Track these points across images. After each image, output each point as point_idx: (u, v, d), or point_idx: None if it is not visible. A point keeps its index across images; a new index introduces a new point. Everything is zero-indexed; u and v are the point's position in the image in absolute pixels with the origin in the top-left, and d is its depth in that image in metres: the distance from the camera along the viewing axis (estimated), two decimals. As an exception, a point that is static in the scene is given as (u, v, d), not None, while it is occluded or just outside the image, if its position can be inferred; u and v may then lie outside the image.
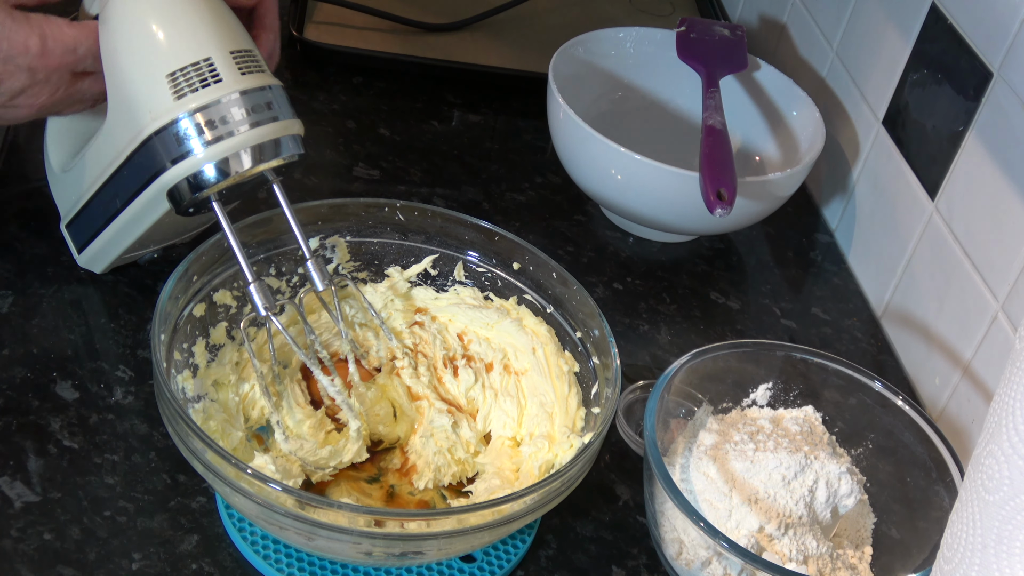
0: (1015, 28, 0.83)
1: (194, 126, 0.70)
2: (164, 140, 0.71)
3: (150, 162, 0.72)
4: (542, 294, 0.81)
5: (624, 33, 1.11)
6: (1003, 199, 0.84)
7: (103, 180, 0.76)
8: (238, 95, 0.71)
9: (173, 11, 0.71)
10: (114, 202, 0.76)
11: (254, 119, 0.71)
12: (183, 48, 0.71)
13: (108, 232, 0.78)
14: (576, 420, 0.76)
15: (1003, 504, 0.50)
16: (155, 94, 0.71)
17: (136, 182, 0.73)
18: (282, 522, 0.63)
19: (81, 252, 0.82)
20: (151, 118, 0.71)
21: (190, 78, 0.71)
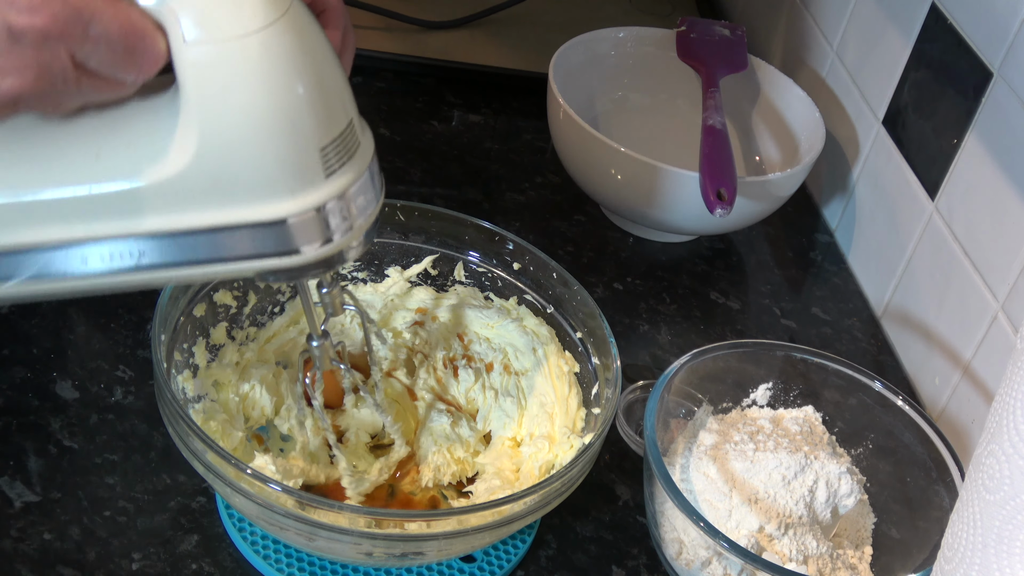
0: (1015, 28, 0.83)
1: (340, 209, 0.56)
2: (305, 223, 0.55)
3: (266, 243, 0.56)
4: (542, 294, 0.81)
5: (624, 33, 1.11)
6: (1003, 199, 0.84)
7: (131, 231, 0.56)
8: (371, 161, 0.59)
9: (316, 60, 0.53)
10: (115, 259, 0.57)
11: (375, 194, 0.59)
12: (336, 113, 0.55)
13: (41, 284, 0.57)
14: (576, 420, 0.76)
15: (1004, 504, 0.50)
16: (303, 170, 0.54)
17: (209, 257, 0.57)
18: (282, 522, 0.63)
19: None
20: (292, 196, 0.54)
21: (339, 150, 0.56)
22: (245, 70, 0.50)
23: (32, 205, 0.53)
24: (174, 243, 0.55)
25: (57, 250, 0.55)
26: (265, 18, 0.50)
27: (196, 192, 0.53)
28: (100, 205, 0.54)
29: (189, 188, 0.53)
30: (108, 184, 0.53)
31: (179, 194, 0.53)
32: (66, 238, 0.54)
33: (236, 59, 0.50)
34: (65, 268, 0.55)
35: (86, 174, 0.53)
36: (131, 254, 0.55)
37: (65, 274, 0.55)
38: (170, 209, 0.54)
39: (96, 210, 0.54)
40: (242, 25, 0.50)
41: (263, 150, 0.53)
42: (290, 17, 0.51)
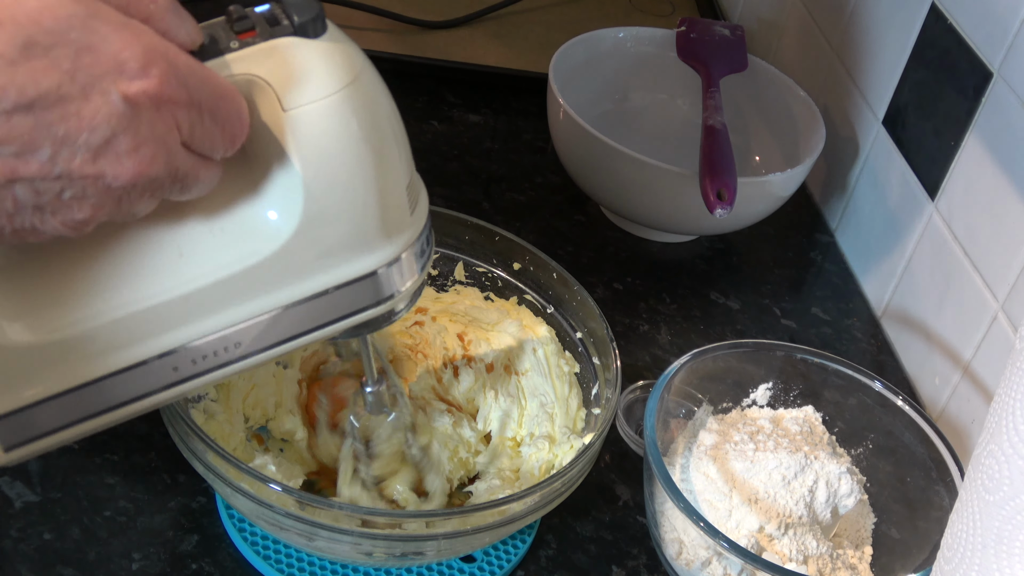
0: (1015, 28, 0.83)
1: (419, 248, 0.56)
2: (401, 265, 0.55)
3: (365, 296, 0.55)
4: (542, 294, 0.81)
5: (624, 33, 1.11)
6: (1003, 199, 0.84)
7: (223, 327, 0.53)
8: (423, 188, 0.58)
9: (391, 103, 0.54)
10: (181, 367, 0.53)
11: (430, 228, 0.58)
12: (408, 149, 0.55)
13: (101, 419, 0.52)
14: (576, 421, 0.76)
15: (1003, 504, 0.50)
16: (395, 213, 0.54)
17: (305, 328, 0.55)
18: (282, 523, 0.63)
19: (12, 449, 0.51)
20: (388, 241, 0.54)
21: (413, 186, 0.56)
22: (344, 122, 0.50)
23: (120, 324, 0.50)
24: (271, 324, 0.53)
25: (147, 365, 0.51)
26: (350, 73, 0.51)
27: (297, 265, 0.52)
28: (193, 304, 0.51)
29: (290, 263, 0.52)
30: (199, 280, 0.51)
31: (278, 272, 0.52)
32: (158, 351, 0.51)
33: (335, 114, 0.50)
34: (155, 382, 0.52)
35: (174, 275, 0.51)
36: (227, 348, 0.53)
37: (154, 389, 0.52)
38: (271, 289, 0.52)
39: (188, 311, 0.51)
40: (333, 84, 0.50)
41: (363, 199, 0.52)
42: (367, 69, 0.53)
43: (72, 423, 0.51)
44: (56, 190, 0.43)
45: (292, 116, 0.50)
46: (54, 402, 0.50)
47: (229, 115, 0.48)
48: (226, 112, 0.47)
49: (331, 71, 0.50)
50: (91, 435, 0.52)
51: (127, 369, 0.51)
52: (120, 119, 0.43)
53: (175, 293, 0.51)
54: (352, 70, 0.51)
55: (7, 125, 0.41)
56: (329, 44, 0.51)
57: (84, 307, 0.50)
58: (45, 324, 0.49)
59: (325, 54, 0.50)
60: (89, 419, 0.51)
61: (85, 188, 0.43)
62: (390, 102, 0.54)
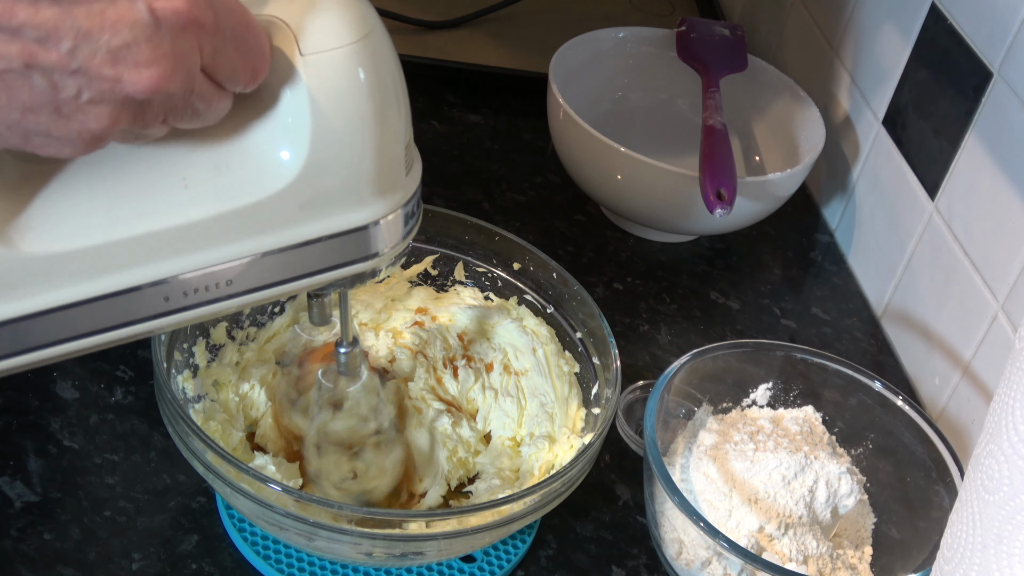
0: (1015, 28, 0.83)
1: (409, 210, 0.58)
2: (390, 224, 0.57)
3: (352, 250, 0.56)
4: (542, 294, 0.81)
5: (624, 33, 1.11)
6: (1003, 199, 0.84)
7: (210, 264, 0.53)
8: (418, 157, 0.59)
9: (398, 62, 0.55)
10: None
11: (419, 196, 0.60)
12: (408, 110, 0.56)
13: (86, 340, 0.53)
14: (576, 421, 0.76)
15: (1003, 504, 0.50)
16: (392, 170, 0.56)
17: (289, 276, 0.56)
18: (282, 522, 0.63)
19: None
20: (381, 197, 0.55)
21: (411, 148, 0.57)
22: (354, 75, 0.52)
23: (119, 245, 0.51)
24: (263, 265, 0.54)
25: (140, 291, 0.52)
26: (366, 27, 0.53)
27: (294, 209, 0.53)
28: (190, 236, 0.52)
29: (288, 205, 0.53)
30: (199, 211, 0.52)
31: (276, 213, 0.53)
32: (152, 278, 0.52)
33: (350, 63, 0.52)
34: (146, 309, 0.53)
35: (176, 205, 0.52)
36: (218, 284, 0.54)
37: (145, 316, 0.53)
38: (266, 230, 0.53)
39: (185, 242, 0.52)
40: (351, 34, 0.52)
41: (365, 150, 0.53)
42: (380, 26, 0.54)
43: (58, 341, 0.51)
44: (73, 89, 0.43)
45: (308, 61, 0.51)
46: (45, 318, 0.50)
47: (252, 48, 0.49)
48: (249, 45, 0.48)
49: (349, 22, 0.52)
50: (68, 358, 0.53)
51: (120, 293, 0.51)
52: (143, 28, 0.43)
53: (175, 222, 0.51)
54: (367, 24, 0.53)
55: (33, 9, 0.42)
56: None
57: (85, 226, 0.50)
58: (45, 238, 0.49)
59: (344, 5, 0.52)
60: (75, 339, 0.52)
61: (102, 92, 0.44)
62: (397, 61, 0.55)
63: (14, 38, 0.42)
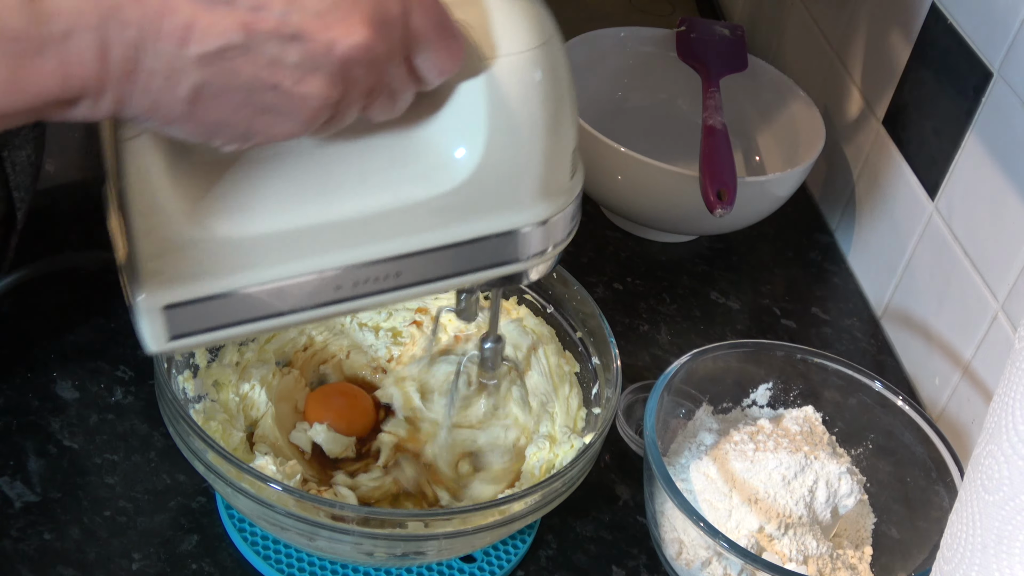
0: (1015, 28, 0.83)
1: (572, 211, 0.59)
2: (554, 225, 0.58)
3: (515, 249, 0.57)
4: (542, 294, 0.81)
5: (624, 33, 1.11)
6: (1003, 199, 0.84)
7: (373, 257, 0.55)
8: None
9: (568, 65, 0.56)
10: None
11: None
12: (577, 116, 0.58)
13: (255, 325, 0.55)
14: (577, 420, 0.76)
15: (1003, 504, 0.50)
16: (561, 173, 0.57)
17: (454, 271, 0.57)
18: (283, 522, 0.63)
19: (176, 339, 0.54)
20: (548, 199, 0.57)
21: (576, 153, 0.59)
22: (532, 80, 0.53)
23: (300, 233, 0.52)
24: (432, 259, 0.56)
25: (314, 278, 0.54)
26: (546, 33, 0.54)
27: (465, 206, 0.55)
28: (367, 228, 0.53)
29: (460, 202, 0.54)
30: (378, 205, 0.53)
31: (448, 210, 0.54)
32: (326, 267, 0.54)
33: (530, 69, 0.53)
34: (318, 297, 0.54)
35: (353, 198, 0.53)
36: (387, 276, 0.55)
37: (313, 304, 0.54)
38: (436, 226, 0.55)
39: (361, 233, 0.53)
40: (532, 40, 0.53)
41: (538, 159, 0.55)
42: (557, 33, 0.55)
43: (235, 323, 0.54)
44: (294, 56, 0.44)
45: (491, 64, 0.52)
46: (225, 300, 0.53)
47: (451, 35, 0.49)
48: (448, 30, 0.49)
49: (531, 27, 0.53)
50: (249, 336, 0.57)
51: (297, 279, 0.53)
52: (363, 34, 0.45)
53: (355, 214, 0.53)
54: (547, 30, 0.54)
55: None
56: (530, 2, 0.54)
57: (270, 213, 0.52)
58: (232, 223, 0.51)
59: (527, 10, 0.53)
60: (251, 322, 0.54)
61: (317, 57, 0.45)
62: (570, 68, 0.56)
63: (230, 9, 0.42)
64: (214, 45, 0.43)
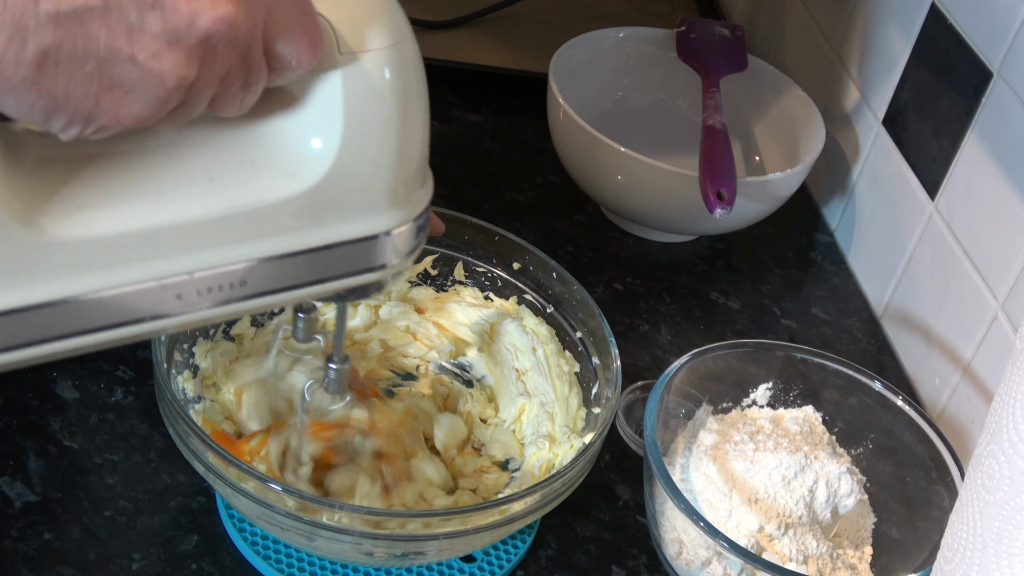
0: (1015, 28, 0.83)
1: (419, 224, 0.58)
2: (403, 235, 0.56)
3: (363, 258, 0.56)
4: (542, 294, 0.81)
5: (624, 33, 1.11)
6: (1003, 199, 0.84)
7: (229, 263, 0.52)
8: None
9: (422, 66, 0.56)
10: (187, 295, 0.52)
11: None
12: (428, 122, 0.57)
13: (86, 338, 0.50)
14: (577, 420, 0.76)
15: (1003, 504, 0.50)
16: (411, 180, 0.56)
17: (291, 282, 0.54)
18: (283, 523, 0.63)
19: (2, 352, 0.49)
20: (396, 207, 0.55)
21: (426, 161, 0.58)
22: (386, 79, 0.52)
23: (139, 236, 0.49)
24: (279, 267, 0.53)
25: (153, 287, 0.50)
26: (401, 31, 0.53)
27: (315, 211, 0.53)
28: (210, 231, 0.51)
29: (310, 207, 0.52)
30: (222, 207, 0.51)
31: (297, 215, 0.52)
32: (164, 273, 0.50)
33: (386, 67, 0.52)
34: (157, 307, 0.51)
35: (199, 197, 0.51)
36: (231, 285, 0.52)
37: (155, 315, 0.51)
38: (286, 231, 0.53)
39: (204, 238, 0.51)
40: (389, 38, 0.52)
41: (389, 159, 0.53)
42: (411, 34, 0.54)
43: (65, 335, 0.49)
44: (154, 26, 0.42)
45: (347, 60, 0.51)
46: (54, 309, 0.48)
47: (312, 22, 0.48)
48: (310, 18, 0.48)
49: (388, 25, 0.52)
50: (72, 356, 0.50)
51: (132, 287, 0.50)
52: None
53: (197, 215, 0.50)
54: (402, 29, 0.53)
55: None
56: (385, 2, 0.52)
57: (108, 213, 0.49)
58: (66, 225, 0.47)
59: (383, 8, 0.52)
60: (83, 335, 0.50)
61: (178, 31, 0.43)
62: (423, 70, 0.56)
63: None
64: (70, 4, 0.40)
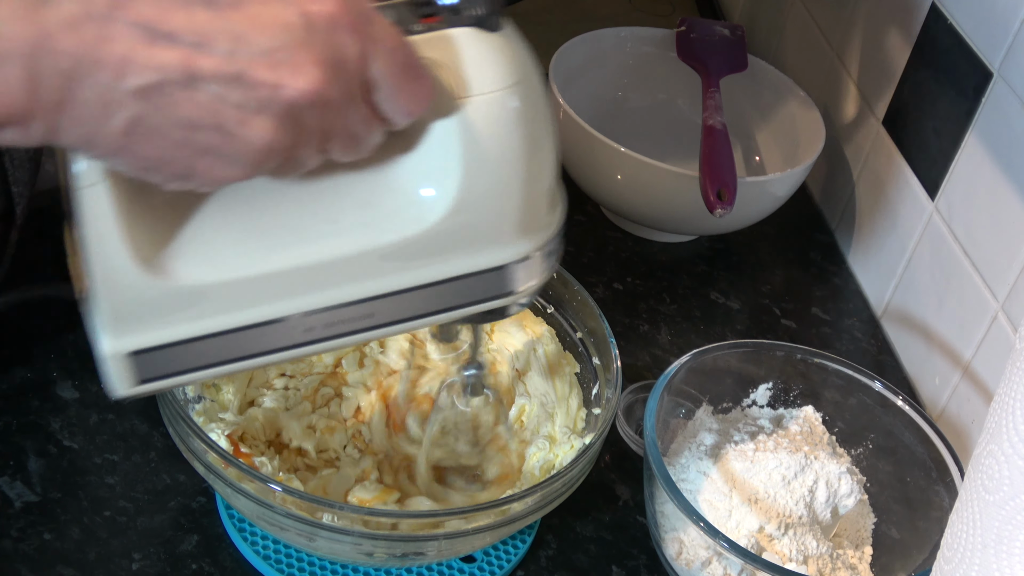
0: (1015, 28, 0.83)
1: (550, 249, 0.58)
2: (533, 262, 0.57)
3: (492, 286, 0.56)
4: (542, 294, 0.81)
5: (624, 33, 1.11)
6: (1003, 199, 0.84)
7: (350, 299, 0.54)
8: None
9: (547, 101, 0.55)
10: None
11: None
12: (557, 151, 0.56)
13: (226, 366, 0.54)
14: (577, 420, 0.76)
15: (1003, 504, 0.50)
16: (538, 210, 0.56)
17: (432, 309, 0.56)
18: (283, 523, 0.63)
19: (144, 383, 0.53)
20: (526, 236, 0.56)
21: (555, 188, 0.58)
22: (511, 118, 0.52)
23: (267, 279, 0.51)
24: (406, 300, 0.55)
25: (283, 322, 0.53)
26: (522, 71, 0.53)
27: (439, 246, 0.54)
28: (338, 272, 0.52)
29: (434, 243, 0.53)
30: (346, 247, 0.52)
31: (421, 251, 0.53)
32: (297, 310, 0.52)
33: (505, 108, 0.52)
34: (286, 339, 0.53)
35: (323, 239, 0.52)
36: (359, 317, 0.54)
37: (282, 347, 0.53)
38: (409, 268, 0.54)
39: (331, 276, 0.52)
40: (507, 79, 0.52)
41: (513, 195, 0.54)
42: (534, 70, 0.54)
43: (204, 367, 0.53)
44: (235, 98, 0.43)
45: (464, 104, 0.51)
46: (194, 345, 0.52)
47: (415, 74, 0.48)
48: (412, 70, 0.47)
49: (506, 66, 0.52)
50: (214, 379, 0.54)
51: (266, 324, 0.52)
52: (297, 31, 0.43)
53: (322, 257, 0.52)
54: (524, 68, 0.53)
55: (187, 13, 0.41)
56: (505, 40, 0.52)
57: (234, 258, 0.51)
58: (195, 270, 0.50)
59: (501, 49, 0.52)
60: (219, 365, 0.53)
61: (263, 100, 0.43)
62: (548, 105, 0.55)
63: (171, 44, 0.41)
64: (152, 79, 0.41)
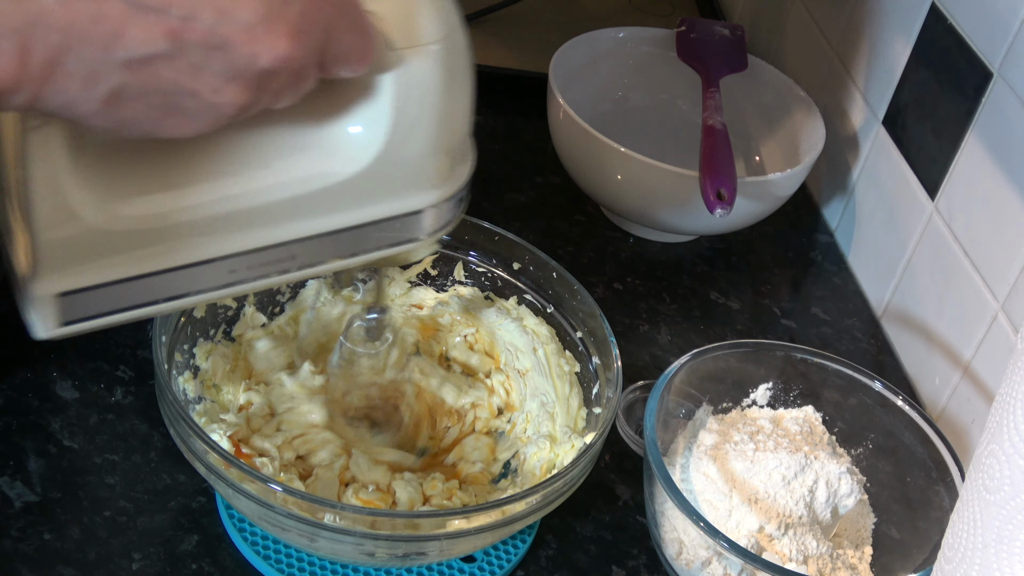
0: (1015, 28, 0.83)
1: (460, 196, 0.62)
2: (441, 209, 0.60)
3: (402, 232, 0.60)
4: (542, 294, 0.81)
5: (624, 33, 1.11)
6: (1003, 199, 0.84)
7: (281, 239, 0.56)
8: None
9: (469, 54, 0.58)
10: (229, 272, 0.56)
11: None
12: (473, 103, 0.60)
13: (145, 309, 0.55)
14: (578, 420, 0.76)
15: (1004, 504, 0.50)
16: (456, 158, 0.60)
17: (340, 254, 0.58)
18: (284, 523, 0.63)
19: (66, 325, 0.54)
20: (442, 183, 0.59)
21: (466, 145, 0.62)
22: (441, 69, 0.55)
23: (199, 221, 0.53)
24: (329, 242, 0.57)
25: (209, 264, 0.54)
26: (451, 24, 0.56)
27: (364, 191, 0.56)
28: (270, 213, 0.55)
29: (359, 188, 0.56)
30: (277, 192, 0.54)
31: (347, 196, 0.56)
32: (226, 252, 0.54)
33: (437, 60, 0.55)
34: (209, 282, 0.55)
35: (257, 184, 0.54)
36: (285, 259, 0.56)
37: (207, 288, 0.55)
38: (337, 210, 0.56)
39: (260, 219, 0.54)
40: (439, 31, 0.55)
41: (436, 143, 0.57)
42: (459, 27, 0.57)
43: (126, 308, 0.54)
44: (218, 65, 0.45)
45: (399, 55, 0.53)
46: (117, 287, 0.53)
47: (366, 32, 0.51)
48: (365, 29, 0.51)
49: (439, 19, 0.55)
50: (137, 321, 0.55)
51: (191, 265, 0.54)
52: (274, 2, 0.46)
53: (255, 201, 0.54)
54: (453, 21, 0.55)
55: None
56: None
57: (167, 199, 0.52)
58: (126, 210, 0.51)
59: (433, 4, 0.55)
60: (143, 307, 0.54)
61: (240, 67, 0.45)
62: (469, 59, 0.58)
63: (161, 17, 0.43)
64: (141, 52, 0.43)
